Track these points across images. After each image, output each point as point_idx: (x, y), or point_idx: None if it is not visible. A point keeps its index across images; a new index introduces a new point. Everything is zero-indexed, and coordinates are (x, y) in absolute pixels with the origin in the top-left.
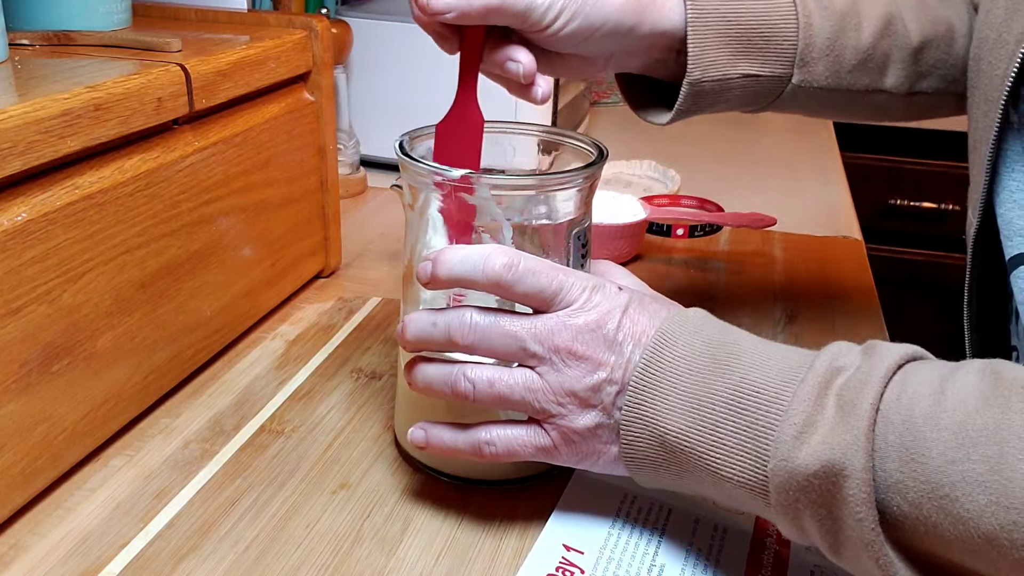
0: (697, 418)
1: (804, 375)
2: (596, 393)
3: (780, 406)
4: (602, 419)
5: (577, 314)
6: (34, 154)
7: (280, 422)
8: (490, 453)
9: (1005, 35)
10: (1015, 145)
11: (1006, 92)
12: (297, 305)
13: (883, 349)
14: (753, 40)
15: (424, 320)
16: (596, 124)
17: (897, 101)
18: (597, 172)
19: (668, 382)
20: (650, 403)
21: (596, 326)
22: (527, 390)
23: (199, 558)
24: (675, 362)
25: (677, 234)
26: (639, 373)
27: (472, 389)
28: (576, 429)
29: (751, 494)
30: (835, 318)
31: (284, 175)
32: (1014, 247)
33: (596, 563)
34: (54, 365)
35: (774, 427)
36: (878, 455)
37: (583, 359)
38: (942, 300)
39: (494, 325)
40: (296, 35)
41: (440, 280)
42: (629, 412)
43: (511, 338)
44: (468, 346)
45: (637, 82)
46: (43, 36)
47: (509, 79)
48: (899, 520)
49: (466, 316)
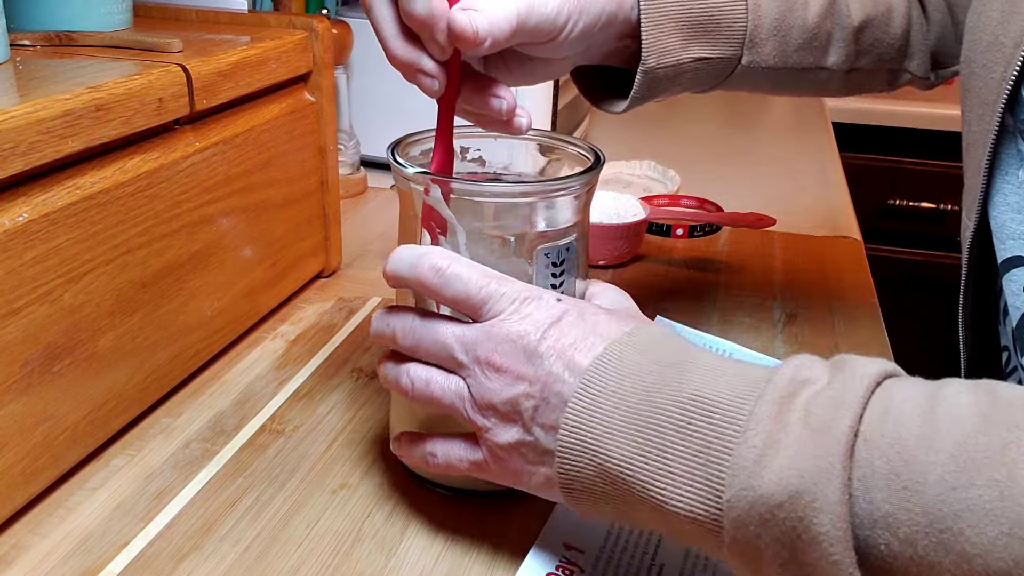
0: (642, 442)
1: (762, 389)
2: (514, 407)
3: (736, 426)
4: (523, 436)
5: (501, 324)
6: (35, 154)
7: (281, 422)
8: (433, 464)
9: (1002, 37)
10: (1010, 148)
11: (1005, 95)
12: (297, 305)
13: (856, 364)
14: (704, 24)
15: (381, 318)
16: (596, 125)
17: (837, 77)
18: (572, 184)
19: (611, 403)
20: (589, 426)
21: (518, 336)
22: (457, 397)
23: (200, 558)
24: (620, 380)
25: (677, 234)
26: (579, 393)
27: (411, 387)
28: (499, 444)
29: (701, 529)
30: (834, 318)
31: (285, 175)
32: (1007, 250)
33: (596, 562)
34: (55, 365)
35: (729, 450)
36: (860, 484)
37: (501, 371)
38: (941, 300)
39: (429, 330)
40: (297, 36)
41: (387, 277)
42: (566, 435)
43: (440, 345)
44: (407, 348)
45: (590, 74)
46: (44, 37)
47: (488, 116)
48: (886, 561)
49: (408, 318)
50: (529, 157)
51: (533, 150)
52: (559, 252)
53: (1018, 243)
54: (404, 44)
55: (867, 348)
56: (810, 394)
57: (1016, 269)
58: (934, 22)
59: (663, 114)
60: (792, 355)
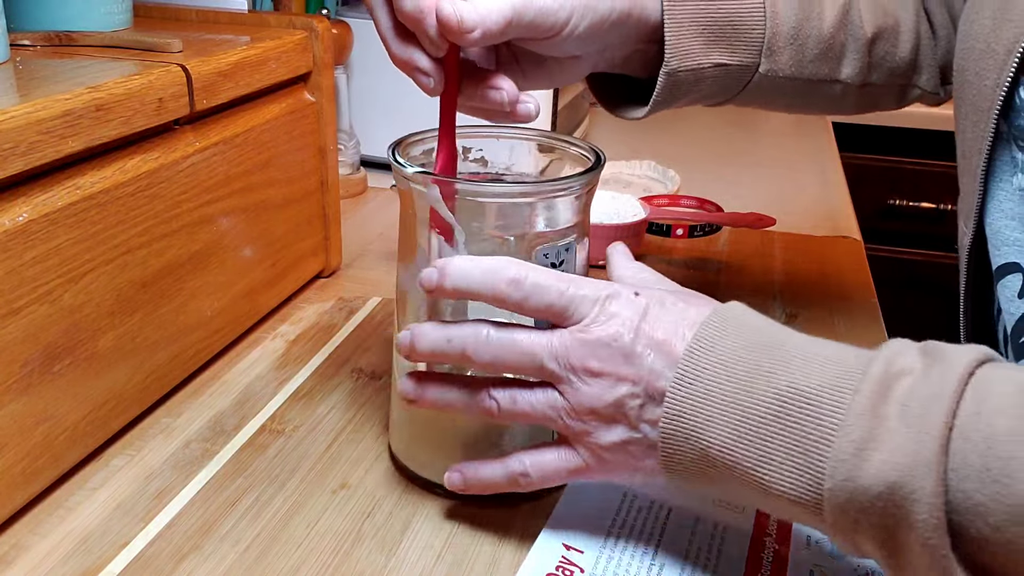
0: (742, 429)
1: (859, 382)
2: (619, 408)
3: (835, 419)
4: (630, 434)
5: (590, 329)
6: (36, 154)
7: (281, 422)
8: (526, 483)
9: (994, 45)
10: (1004, 155)
11: (999, 102)
12: (297, 305)
13: (950, 353)
14: (724, 29)
15: (437, 335)
16: (596, 125)
17: (851, 92)
18: (572, 184)
19: (707, 391)
20: (689, 415)
21: (611, 339)
22: (549, 407)
23: (200, 557)
24: (714, 369)
25: (677, 234)
26: (676, 383)
27: (496, 408)
28: (604, 446)
29: (805, 510)
30: (835, 318)
31: (285, 175)
32: (1001, 256)
33: (596, 562)
34: (55, 365)
35: (829, 442)
36: (954, 475)
37: (600, 375)
38: (941, 300)
39: (511, 343)
40: (297, 36)
41: (446, 291)
42: (668, 425)
43: (528, 356)
44: (485, 364)
45: (607, 82)
46: (44, 37)
47: (491, 109)
48: (978, 543)
49: (482, 332)
50: (531, 157)
51: (534, 150)
52: (558, 252)
53: (1012, 249)
54: (400, 43)
55: (866, 348)
56: (905, 387)
57: (1010, 275)
58: (940, 38)
59: (663, 114)
60: (886, 342)
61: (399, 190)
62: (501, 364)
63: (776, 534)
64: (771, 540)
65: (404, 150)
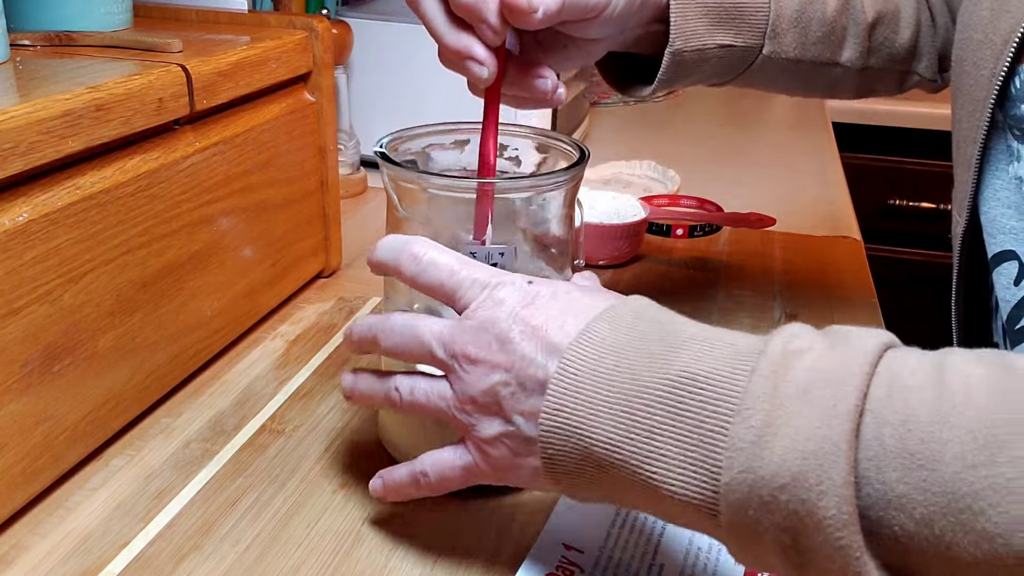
0: (629, 423)
1: (755, 362)
2: (493, 398)
3: (730, 404)
4: (504, 426)
5: (474, 313)
6: (36, 154)
7: (281, 422)
8: (425, 483)
9: (991, 35)
10: (1000, 144)
11: (995, 92)
12: (298, 305)
13: (853, 335)
14: (729, 11)
15: (363, 323)
16: (596, 125)
17: (850, 75)
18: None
19: (592, 382)
20: (571, 408)
21: (490, 324)
22: (440, 398)
23: (200, 557)
24: (601, 359)
25: (677, 234)
26: (558, 374)
27: (399, 399)
28: (484, 439)
29: (696, 512)
30: (834, 318)
31: (284, 175)
32: (997, 244)
33: (596, 562)
34: (55, 365)
35: (725, 430)
36: (871, 464)
37: (477, 362)
38: (941, 300)
39: (408, 328)
40: (297, 36)
41: (370, 264)
42: (548, 419)
43: (419, 342)
44: (389, 349)
45: (614, 61)
46: (44, 37)
47: (530, 97)
48: (900, 542)
49: (390, 319)
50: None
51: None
52: (488, 255)
53: (1008, 237)
54: (456, 32)
55: None
56: (806, 366)
57: (1007, 263)
58: (939, 26)
59: (663, 114)
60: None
61: (385, 190)
62: (402, 351)
63: None
64: None
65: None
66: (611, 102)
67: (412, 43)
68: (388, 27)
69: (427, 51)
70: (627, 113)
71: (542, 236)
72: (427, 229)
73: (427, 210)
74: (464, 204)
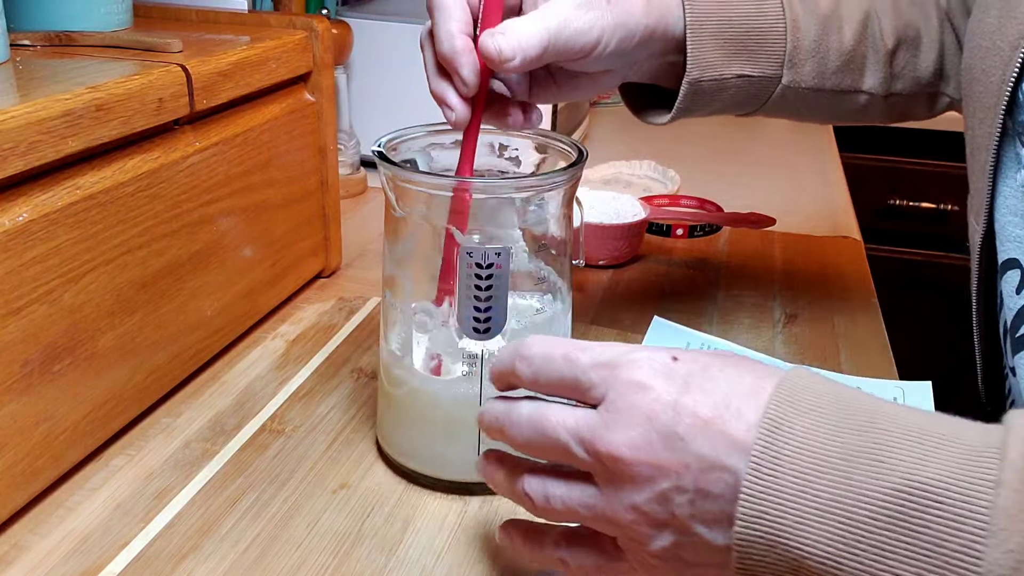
0: (850, 538)
1: (998, 472)
2: (663, 506)
3: (978, 524)
4: (680, 537)
5: (614, 404)
6: (36, 154)
7: (281, 422)
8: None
9: (999, 42)
10: (1010, 151)
11: (1005, 99)
12: (297, 305)
13: None
14: (745, 42)
15: (491, 412)
16: (596, 125)
17: (877, 102)
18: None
19: (796, 485)
20: (774, 516)
21: (644, 419)
22: (584, 507)
23: (200, 558)
24: (798, 456)
25: (677, 234)
26: (753, 476)
27: (532, 506)
28: (654, 552)
29: None
30: (835, 318)
31: (284, 175)
32: (1005, 252)
33: None
34: (55, 365)
35: (977, 554)
36: None
37: (633, 465)
38: (942, 300)
39: (536, 421)
40: (297, 36)
41: (494, 379)
42: (745, 529)
43: (551, 441)
44: (519, 447)
45: (636, 88)
46: (44, 37)
47: (504, 127)
48: None
49: (515, 408)
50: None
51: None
52: (484, 255)
53: (1014, 245)
54: (437, 78)
55: (867, 348)
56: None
57: (1011, 271)
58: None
59: None
60: (1008, 413)
61: (384, 191)
62: (534, 450)
63: None
64: None
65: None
66: (611, 102)
67: (412, 43)
68: (388, 27)
69: None
70: (627, 113)
71: (541, 236)
72: (424, 228)
73: (425, 210)
74: None
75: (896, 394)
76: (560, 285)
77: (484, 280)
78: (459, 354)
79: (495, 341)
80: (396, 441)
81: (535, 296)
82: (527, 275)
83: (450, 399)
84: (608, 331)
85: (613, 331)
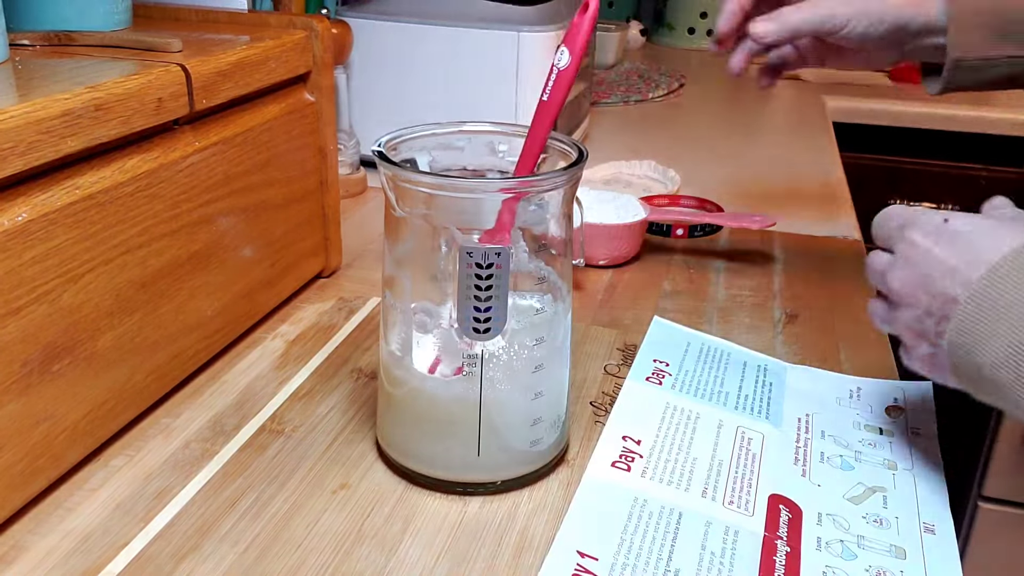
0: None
1: None
2: (919, 326)
3: None
4: (931, 350)
5: (898, 250)
6: (35, 154)
7: (280, 422)
8: None
9: None
10: None
11: None
12: (297, 305)
13: None
14: (1014, 22)
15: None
16: (596, 125)
17: None
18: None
19: (995, 309)
20: (970, 330)
21: (909, 263)
22: (882, 320)
23: (199, 558)
24: (1010, 293)
25: (677, 234)
26: (968, 301)
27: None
28: (921, 357)
29: None
30: (834, 318)
31: (284, 175)
32: None
33: (611, 568)
34: (54, 365)
35: None
36: None
37: (904, 297)
38: None
39: (868, 265)
40: (296, 35)
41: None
42: (954, 337)
43: (875, 275)
44: (874, 279)
45: None
46: (44, 36)
47: None
48: None
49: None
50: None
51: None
52: (484, 255)
53: None
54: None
55: (867, 348)
56: None
57: None
58: None
59: (663, 114)
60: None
61: (383, 191)
62: (875, 282)
63: (787, 536)
64: (783, 543)
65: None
66: (611, 102)
67: (412, 43)
68: (388, 27)
69: (427, 51)
70: (627, 113)
71: (541, 236)
72: (424, 228)
73: (425, 210)
74: (461, 204)
75: (896, 394)
76: (560, 285)
77: (484, 280)
78: (459, 354)
79: (495, 341)
80: (396, 441)
81: (535, 296)
82: (527, 275)
83: (450, 399)
84: (608, 331)
85: (613, 331)
